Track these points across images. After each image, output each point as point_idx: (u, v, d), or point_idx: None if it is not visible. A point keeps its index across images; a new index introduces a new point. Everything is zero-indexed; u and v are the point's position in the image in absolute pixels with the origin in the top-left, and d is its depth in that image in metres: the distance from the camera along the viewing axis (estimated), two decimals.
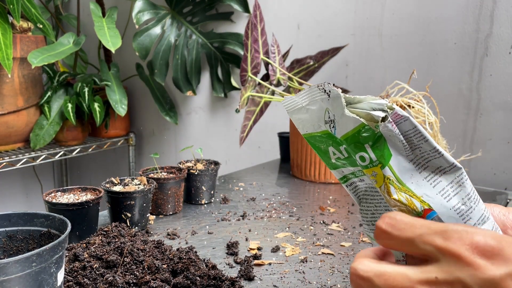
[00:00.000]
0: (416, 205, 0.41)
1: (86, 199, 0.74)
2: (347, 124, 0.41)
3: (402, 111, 0.41)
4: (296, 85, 1.21)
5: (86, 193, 0.78)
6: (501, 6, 1.10)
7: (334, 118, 0.42)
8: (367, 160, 0.42)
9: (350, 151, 0.43)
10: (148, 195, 0.80)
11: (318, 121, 0.45)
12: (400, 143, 0.41)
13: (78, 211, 0.72)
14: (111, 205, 0.79)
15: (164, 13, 1.59)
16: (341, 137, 0.42)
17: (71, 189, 0.79)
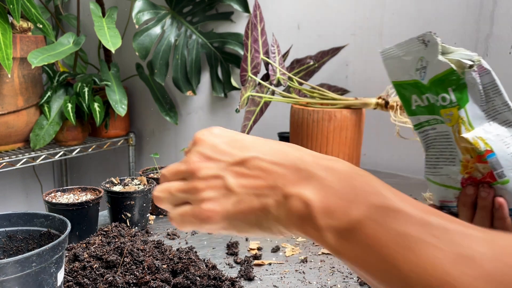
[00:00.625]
0: (480, 145, 0.50)
1: (86, 199, 0.74)
2: (438, 67, 0.50)
3: (486, 64, 0.50)
4: (296, 85, 1.21)
5: (86, 193, 0.78)
6: (501, 6, 1.10)
7: (426, 64, 0.51)
8: (448, 101, 0.51)
9: (433, 93, 0.52)
10: (148, 195, 0.80)
11: (409, 70, 0.54)
12: (478, 92, 0.50)
13: (78, 211, 0.72)
14: (111, 205, 0.79)
15: (164, 13, 1.58)
16: (430, 79, 0.51)
17: (71, 189, 0.79)
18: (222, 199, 0.37)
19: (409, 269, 0.29)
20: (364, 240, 0.31)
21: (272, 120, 1.52)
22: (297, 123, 1.16)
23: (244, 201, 0.36)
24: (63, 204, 0.71)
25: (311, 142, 1.13)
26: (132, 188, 0.80)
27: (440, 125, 0.53)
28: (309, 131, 1.13)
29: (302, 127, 1.14)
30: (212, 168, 0.38)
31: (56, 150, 1.61)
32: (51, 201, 0.73)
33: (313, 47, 1.39)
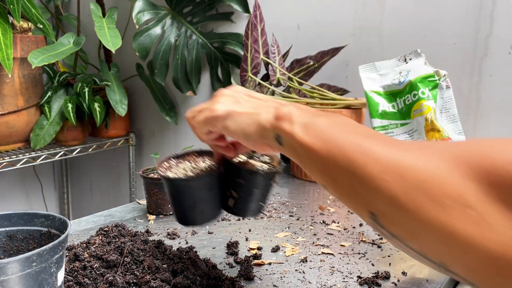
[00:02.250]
0: (445, 131, 0.64)
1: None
2: (421, 71, 0.70)
3: (449, 82, 0.73)
4: (296, 85, 1.21)
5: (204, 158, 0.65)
6: (501, 6, 1.10)
7: (407, 72, 0.72)
8: (426, 95, 0.68)
9: (408, 94, 0.71)
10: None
11: (384, 82, 0.76)
12: (442, 99, 0.68)
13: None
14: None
15: (164, 13, 1.59)
16: (411, 80, 0.71)
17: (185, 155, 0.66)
18: (230, 104, 0.51)
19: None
20: (323, 132, 0.41)
21: None
22: None
23: (245, 107, 0.50)
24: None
25: None
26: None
27: (398, 128, 0.70)
28: None
29: None
30: (229, 92, 0.54)
31: (56, 150, 1.61)
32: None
33: (313, 47, 1.39)
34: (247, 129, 0.49)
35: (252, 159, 0.65)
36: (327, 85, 1.30)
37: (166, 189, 0.60)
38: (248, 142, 0.50)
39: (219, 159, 0.61)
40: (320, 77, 1.35)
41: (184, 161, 0.63)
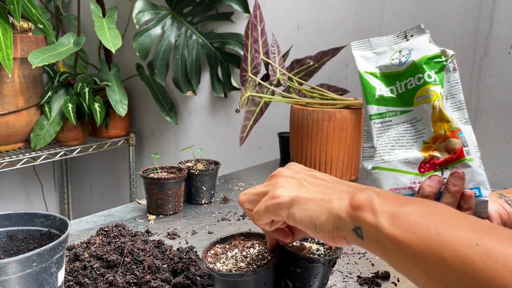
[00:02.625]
0: (454, 122, 0.56)
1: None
2: (427, 51, 0.58)
3: (456, 64, 0.59)
4: (296, 85, 1.21)
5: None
6: (501, 6, 1.11)
7: (409, 51, 0.59)
8: (433, 78, 0.57)
9: (410, 77, 0.58)
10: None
11: (381, 61, 0.62)
12: (446, 83, 0.58)
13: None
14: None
15: (164, 13, 1.59)
16: (417, 60, 0.58)
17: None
18: (293, 188, 0.46)
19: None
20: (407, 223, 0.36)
21: (272, 120, 1.52)
22: (297, 123, 1.16)
23: (311, 192, 0.45)
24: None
25: (311, 142, 1.13)
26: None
27: (398, 117, 0.59)
28: (309, 131, 1.13)
29: (302, 127, 1.14)
30: (289, 173, 0.50)
31: (56, 150, 1.61)
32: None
33: (313, 47, 1.39)
34: (317, 218, 0.43)
35: (305, 240, 0.59)
36: (327, 85, 1.30)
37: (215, 283, 0.54)
38: (317, 233, 0.43)
39: (273, 245, 0.54)
40: (320, 77, 1.35)
41: (231, 247, 0.58)
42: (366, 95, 0.61)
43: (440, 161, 0.55)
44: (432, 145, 0.56)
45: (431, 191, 0.54)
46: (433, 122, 0.56)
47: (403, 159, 0.57)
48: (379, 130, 0.60)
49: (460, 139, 0.55)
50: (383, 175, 0.58)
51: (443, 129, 0.56)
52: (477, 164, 0.55)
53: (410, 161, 0.57)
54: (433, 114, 0.56)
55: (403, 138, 0.58)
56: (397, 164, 0.57)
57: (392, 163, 0.57)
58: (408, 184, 0.57)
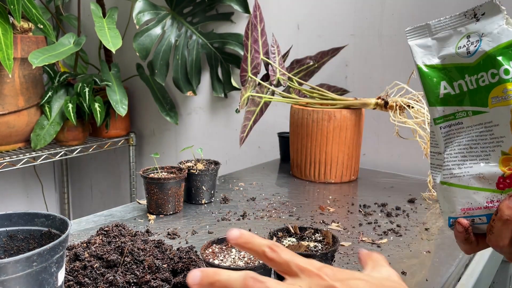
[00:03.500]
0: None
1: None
2: (502, 37, 0.45)
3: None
4: (296, 85, 1.21)
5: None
6: None
7: (480, 38, 0.46)
8: (511, 74, 0.44)
9: (482, 72, 0.46)
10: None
11: (441, 52, 0.49)
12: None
13: None
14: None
15: (164, 13, 1.59)
16: (490, 51, 0.45)
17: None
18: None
19: None
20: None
21: (272, 120, 1.52)
22: (297, 123, 1.16)
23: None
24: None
25: (310, 142, 1.14)
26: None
27: (470, 118, 0.47)
28: (308, 131, 1.13)
29: (302, 127, 1.15)
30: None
31: (56, 150, 1.61)
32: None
33: (313, 47, 1.39)
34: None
35: (302, 239, 0.60)
36: (327, 85, 1.30)
37: None
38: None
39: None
40: (320, 77, 1.35)
41: (228, 248, 0.58)
42: (428, 95, 0.50)
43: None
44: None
45: (511, 214, 0.43)
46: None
47: (476, 174, 0.47)
48: (447, 135, 0.49)
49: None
50: (454, 193, 0.49)
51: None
52: None
53: (485, 176, 0.46)
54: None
55: (476, 146, 0.47)
56: (469, 179, 0.47)
57: (463, 178, 0.48)
58: (484, 204, 0.47)
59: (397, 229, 0.83)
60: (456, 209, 0.49)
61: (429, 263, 0.70)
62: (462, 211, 0.48)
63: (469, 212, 0.48)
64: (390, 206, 0.96)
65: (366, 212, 0.92)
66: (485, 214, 0.47)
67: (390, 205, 0.96)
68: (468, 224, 0.48)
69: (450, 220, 0.50)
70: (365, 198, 1.02)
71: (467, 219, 0.48)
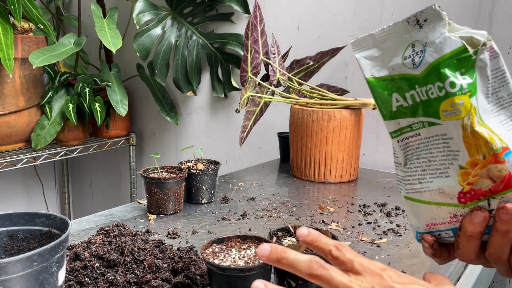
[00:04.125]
0: (496, 142, 0.41)
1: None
2: (445, 47, 0.42)
3: (496, 47, 0.42)
4: (296, 85, 1.22)
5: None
6: (500, 6, 1.11)
7: (424, 47, 0.43)
8: (457, 87, 0.41)
9: (429, 84, 0.43)
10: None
11: (390, 62, 0.46)
12: (486, 79, 0.42)
13: None
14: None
15: (164, 14, 1.59)
16: (431, 64, 0.42)
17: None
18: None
19: None
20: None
21: (272, 120, 1.53)
22: (296, 123, 1.16)
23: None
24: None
25: (310, 142, 1.14)
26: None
27: (427, 129, 0.45)
28: (308, 131, 1.13)
29: (301, 127, 1.15)
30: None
31: (57, 150, 1.61)
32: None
33: (312, 47, 1.39)
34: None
35: None
36: (326, 85, 1.30)
37: (212, 279, 0.54)
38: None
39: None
40: (320, 77, 1.36)
41: (228, 248, 0.58)
42: (381, 109, 0.47)
43: (483, 192, 0.42)
44: (471, 171, 0.42)
45: (474, 230, 0.42)
46: (467, 144, 0.42)
47: (437, 189, 0.44)
48: (406, 148, 0.47)
49: (506, 163, 0.40)
50: (417, 208, 0.47)
51: (481, 152, 0.41)
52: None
53: (445, 192, 0.44)
54: (464, 135, 0.41)
55: (435, 159, 0.44)
56: (431, 195, 0.45)
57: (424, 194, 0.46)
58: (447, 219, 0.45)
59: (397, 228, 0.83)
60: (421, 224, 0.47)
61: (428, 263, 0.70)
62: (427, 226, 0.47)
63: (434, 227, 0.46)
64: (390, 206, 0.96)
65: (365, 212, 0.92)
66: (450, 229, 0.45)
67: (389, 205, 0.96)
68: (432, 241, 0.47)
69: (418, 234, 0.48)
70: (365, 198, 1.02)
71: (433, 235, 0.47)
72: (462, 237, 0.44)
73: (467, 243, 0.44)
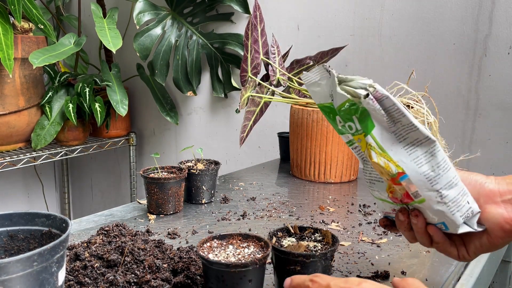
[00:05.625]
0: (392, 168, 0.51)
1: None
2: (339, 98, 0.51)
3: (383, 90, 0.49)
4: (296, 85, 1.22)
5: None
6: (500, 6, 1.11)
7: (332, 93, 0.52)
8: (354, 129, 0.52)
9: (342, 120, 0.53)
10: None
11: (326, 94, 0.54)
12: (382, 117, 0.49)
13: None
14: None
15: (164, 14, 1.59)
16: (336, 108, 0.52)
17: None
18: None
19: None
20: None
21: (272, 120, 1.53)
22: (296, 123, 1.16)
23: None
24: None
25: (310, 142, 1.14)
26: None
27: (360, 144, 0.54)
28: (308, 131, 1.13)
29: (301, 127, 1.15)
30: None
31: (57, 150, 1.61)
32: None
33: (312, 47, 1.39)
34: None
35: (302, 239, 0.60)
36: None
37: (204, 272, 0.55)
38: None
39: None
40: None
41: (227, 244, 0.59)
42: (334, 127, 0.56)
43: (399, 201, 0.55)
44: (390, 184, 0.54)
45: (404, 220, 0.56)
46: (376, 168, 0.53)
47: (377, 190, 0.57)
48: (358, 155, 0.56)
49: (402, 185, 0.51)
50: (377, 200, 0.60)
51: (384, 177, 0.53)
52: (432, 201, 0.51)
53: (381, 193, 0.56)
54: (372, 163, 0.53)
55: (372, 171, 0.56)
56: (377, 193, 0.58)
57: (374, 192, 0.58)
58: (390, 210, 0.58)
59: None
60: (380, 210, 0.62)
61: (428, 263, 0.70)
62: (384, 213, 0.60)
63: (386, 214, 0.60)
64: None
65: (365, 212, 0.92)
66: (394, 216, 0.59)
67: None
68: (383, 224, 0.61)
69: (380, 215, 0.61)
70: (365, 198, 1.02)
71: (386, 218, 0.61)
72: (398, 224, 0.58)
73: (402, 227, 0.57)
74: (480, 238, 0.54)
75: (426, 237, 0.56)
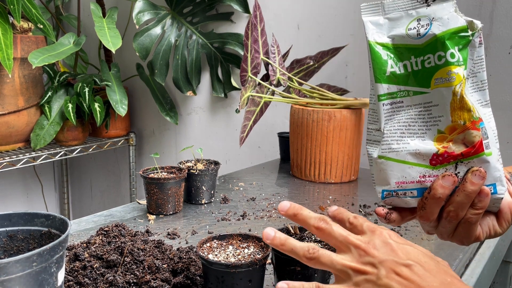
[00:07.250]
0: (476, 111, 0.49)
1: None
2: (451, 23, 0.49)
3: (482, 37, 0.50)
4: (296, 85, 1.21)
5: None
6: (501, 6, 1.11)
7: (430, 22, 0.50)
8: (456, 58, 0.49)
9: (429, 53, 0.50)
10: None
11: (395, 30, 0.52)
12: (471, 60, 0.50)
13: None
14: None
15: (164, 13, 1.59)
16: (439, 34, 0.49)
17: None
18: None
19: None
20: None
21: (272, 120, 1.52)
22: (296, 123, 1.16)
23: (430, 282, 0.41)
24: None
25: (310, 142, 1.13)
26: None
27: (411, 98, 0.51)
28: (308, 131, 1.13)
29: (302, 127, 1.15)
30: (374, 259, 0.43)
31: (56, 150, 1.61)
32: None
33: (313, 47, 1.39)
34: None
35: (302, 239, 0.60)
36: (327, 85, 1.30)
37: (204, 272, 0.56)
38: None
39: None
40: (320, 77, 1.35)
41: (227, 245, 0.59)
42: (375, 72, 0.52)
43: (455, 155, 0.49)
44: (448, 136, 0.49)
45: (443, 192, 0.48)
46: (452, 110, 0.49)
47: (413, 150, 0.51)
48: (388, 112, 0.52)
49: (480, 131, 0.48)
50: (390, 166, 0.52)
51: (463, 119, 0.49)
52: (495, 158, 0.50)
53: (421, 152, 0.50)
54: (453, 101, 0.49)
55: (414, 124, 0.51)
56: (406, 155, 0.51)
57: (400, 153, 0.51)
58: (417, 178, 0.51)
59: (397, 229, 0.83)
60: (391, 182, 0.52)
61: None
62: (397, 184, 0.52)
63: (403, 185, 0.52)
64: None
65: (366, 212, 0.92)
66: (416, 188, 0.51)
67: None
68: (384, 214, 0.53)
69: (384, 192, 0.53)
70: (365, 198, 1.02)
71: (384, 207, 0.54)
72: (430, 199, 0.49)
73: (434, 204, 0.49)
74: (492, 219, 0.53)
75: (467, 205, 0.49)
